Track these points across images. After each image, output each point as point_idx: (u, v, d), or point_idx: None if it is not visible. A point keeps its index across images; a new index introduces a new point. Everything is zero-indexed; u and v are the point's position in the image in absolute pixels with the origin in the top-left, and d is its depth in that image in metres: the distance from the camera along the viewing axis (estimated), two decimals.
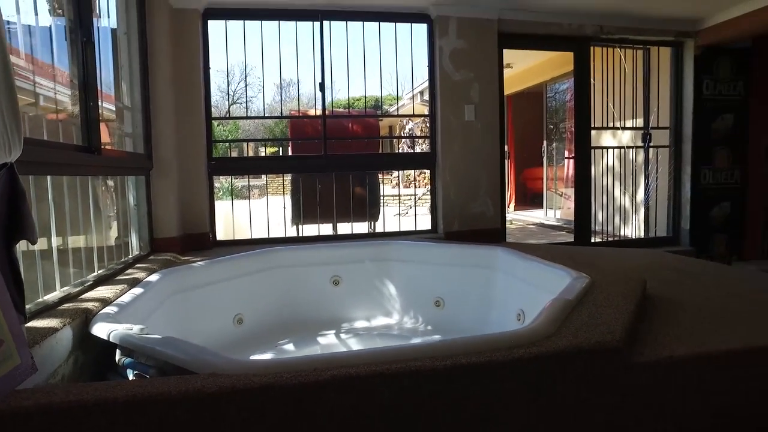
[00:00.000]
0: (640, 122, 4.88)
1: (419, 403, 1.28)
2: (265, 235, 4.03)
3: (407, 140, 10.14)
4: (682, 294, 2.18)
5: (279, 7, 3.79)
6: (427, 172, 4.67)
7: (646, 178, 4.93)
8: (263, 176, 10.10)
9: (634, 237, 4.97)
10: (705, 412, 1.50)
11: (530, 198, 8.36)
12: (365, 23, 4.00)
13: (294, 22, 3.88)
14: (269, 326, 3.06)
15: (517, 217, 7.49)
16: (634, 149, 4.91)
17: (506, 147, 8.40)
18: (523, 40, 4.29)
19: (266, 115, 9.32)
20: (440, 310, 3.19)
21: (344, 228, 4.31)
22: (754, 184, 4.84)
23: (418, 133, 10.57)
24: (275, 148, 16.23)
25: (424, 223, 4.29)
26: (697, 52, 4.57)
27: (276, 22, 3.86)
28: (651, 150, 4.86)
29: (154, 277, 2.44)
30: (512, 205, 8.27)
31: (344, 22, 3.95)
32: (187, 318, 2.56)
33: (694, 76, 4.61)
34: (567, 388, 1.38)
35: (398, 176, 11.03)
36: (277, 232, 4.14)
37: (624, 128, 4.92)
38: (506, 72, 7.00)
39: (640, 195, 5.01)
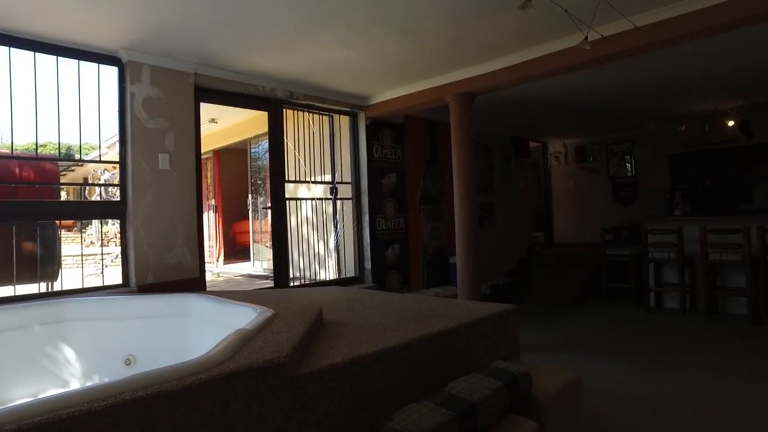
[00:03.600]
0: (328, 177, 5.60)
1: None
2: None
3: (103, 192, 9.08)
4: (352, 317, 2.57)
5: None
6: None
7: (335, 226, 5.63)
8: None
9: (329, 279, 5.56)
10: (360, 403, 1.79)
11: (239, 251, 8.46)
12: (37, 54, 3.55)
13: None
14: None
15: (225, 270, 7.48)
16: (324, 201, 5.57)
17: (214, 201, 8.44)
18: (220, 96, 4.47)
19: None
20: (131, 368, 2.92)
21: (7, 291, 3.56)
22: (412, 230, 6.07)
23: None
24: None
25: (115, 277, 3.91)
26: (368, 122, 5.59)
27: None
28: (338, 201, 5.61)
29: None
30: (221, 258, 8.22)
31: (6, 48, 3.42)
32: None
33: (367, 142, 5.59)
34: (241, 406, 1.46)
35: (92, 234, 9.74)
36: None
37: (316, 182, 5.55)
38: (212, 127, 7.14)
39: (333, 241, 5.68)
